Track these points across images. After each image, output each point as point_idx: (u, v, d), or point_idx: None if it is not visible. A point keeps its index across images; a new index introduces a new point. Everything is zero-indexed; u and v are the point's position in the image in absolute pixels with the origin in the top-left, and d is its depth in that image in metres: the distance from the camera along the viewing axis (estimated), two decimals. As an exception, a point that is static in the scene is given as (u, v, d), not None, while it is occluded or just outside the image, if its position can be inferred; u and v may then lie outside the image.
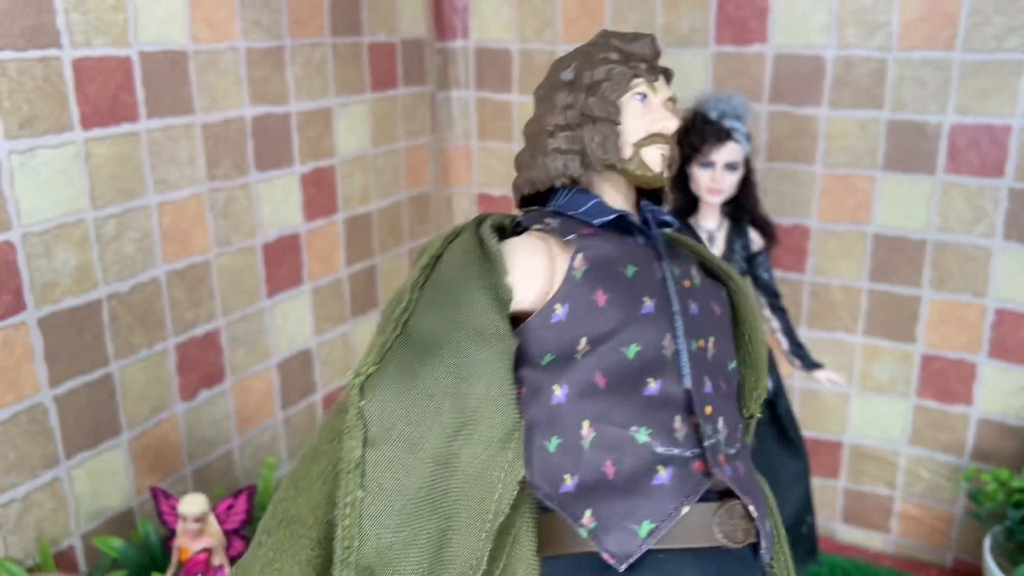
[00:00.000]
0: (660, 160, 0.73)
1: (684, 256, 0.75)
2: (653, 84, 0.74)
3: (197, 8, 1.34)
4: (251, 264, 1.51)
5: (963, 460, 1.67)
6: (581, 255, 0.69)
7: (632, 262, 0.69)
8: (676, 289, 0.70)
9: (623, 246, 0.71)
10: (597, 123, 0.73)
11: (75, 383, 1.22)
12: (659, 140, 0.73)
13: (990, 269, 1.56)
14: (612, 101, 0.73)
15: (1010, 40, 1.46)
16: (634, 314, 0.67)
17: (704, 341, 0.69)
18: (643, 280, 0.69)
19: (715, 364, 0.70)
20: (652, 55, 0.75)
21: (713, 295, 0.73)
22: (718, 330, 0.71)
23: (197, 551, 1.21)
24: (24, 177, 1.12)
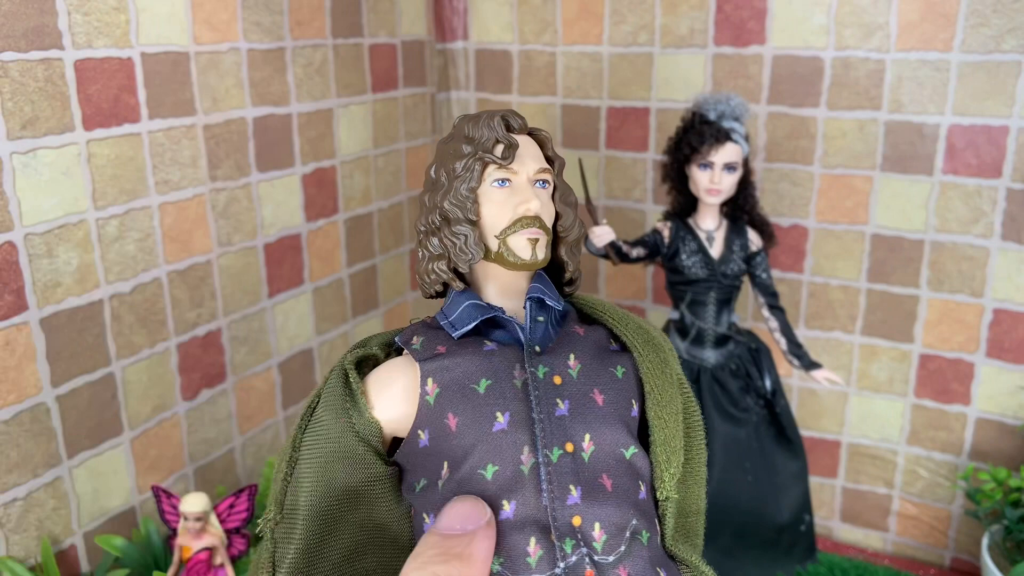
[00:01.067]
0: (527, 247, 0.67)
1: (569, 341, 0.69)
2: (510, 167, 0.68)
3: (198, 10, 1.34)
4: (252, 264, 1.52)
5: (961, 459, 1.68)
6: (431, 379, 0.65)
7: (486, 375, 0.65)
8: (541, 391, 0.64)
9: (477, 358, 0.66)
10: (454, 224, 0.68)
11: (77, 383, 1.23)
12: (524, 224, 0.67)
13: (988, 269, 1.57)
14: (466, 197, 0.68)
15: (1008, 41, 1.47)
16: (486, 432, 0.63)
17: (574, 442, 0.63)
18: (497, 393, 0.64)
19: (594, 462, 0.63)
20: (503, 134, 0.69)
21: (600, 379, 0.67)
22: (602, 421, 0.65)
23: (199, 550, 1.22)
24: (26, 178, 1.13)
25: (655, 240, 1.49)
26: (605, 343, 0.70)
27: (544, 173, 0.70)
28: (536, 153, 0.71)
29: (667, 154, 1.49)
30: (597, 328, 0.72)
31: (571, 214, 0.72)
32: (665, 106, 1.76)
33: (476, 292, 0.71)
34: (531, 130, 0.73)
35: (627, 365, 0.69)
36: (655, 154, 1.79)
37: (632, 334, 0.70)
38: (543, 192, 0.70)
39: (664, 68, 1.74)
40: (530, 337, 0.67)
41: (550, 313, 0.70)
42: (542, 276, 0.71)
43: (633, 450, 0.65)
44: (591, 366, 0.67)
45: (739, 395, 1.53)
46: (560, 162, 0.74)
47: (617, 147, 1.83)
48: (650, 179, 1.82)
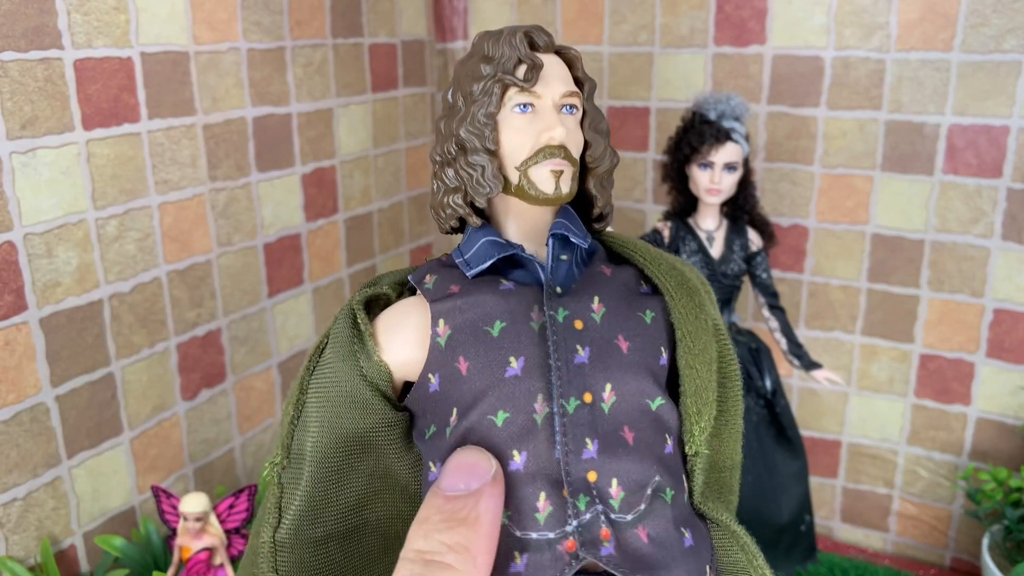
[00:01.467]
0: (550, 179, 0.61)
1: (594, 282, 0.63)
2: (533, 89, 0.62)
3: (198, 9, 1.34)
4: (252, 264, 1.52)
5: (961, 459, 1.68)
6: (442, 321, 0.61)
7: (501, 317, 0.60)
8: (560, 336, 0.60)
9: (493, 297, 0.61)
10: (471, 154, 0.63)
11: (77, 382, 1.23)
12: (547, 154, 0.61)
13: (988, 269, 1.57)
14: (485, 124, 0.62)
15: (1008, 41, 1.46)
16: (498, 378, 0.58)
17: (593, 392, 0.59)
18: (512, 336, 0.59)
19: (615, 414, 0.59)
20: (526, 53, 0.62)
21: (626, 324, 0.61)
22: (625, 370, 0.60)
23: (198, 550, 1.21)
24: (25, 177, 1.13)
25: (655, 240, 1.49)
26: (635, 285, 0.65)
27: (572, 97, 0.63)
28: (563, 74, 0.64)
29: (667, 154, 1.49)
30: (627, 268, 0.66)
31: (602, 143, 0.65)
32: (665, 106, 1.76)
33: (496, 228, 0.65)
34: (559, 48, 0.66)
35: (657, 309, 0.63)
36: (655, 154, 1.79)
37: (665, 275, 0.64)
38: (570, 118, 0.63)
39: (664, 68, 1.74)
40: (551, 277, 0.62)
41: (575, 251, 0.64)
42: (568, 211, 0.65)
43: (660, 401, 0.60)
44: (617, 310, 0.62)
45: (739, 395, 1.52)
46: (591, 84, 0.66)
47: (617, 147, 1.83)
48: (650, 179, 1.82)
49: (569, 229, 0.63)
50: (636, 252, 0.66)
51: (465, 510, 0.50)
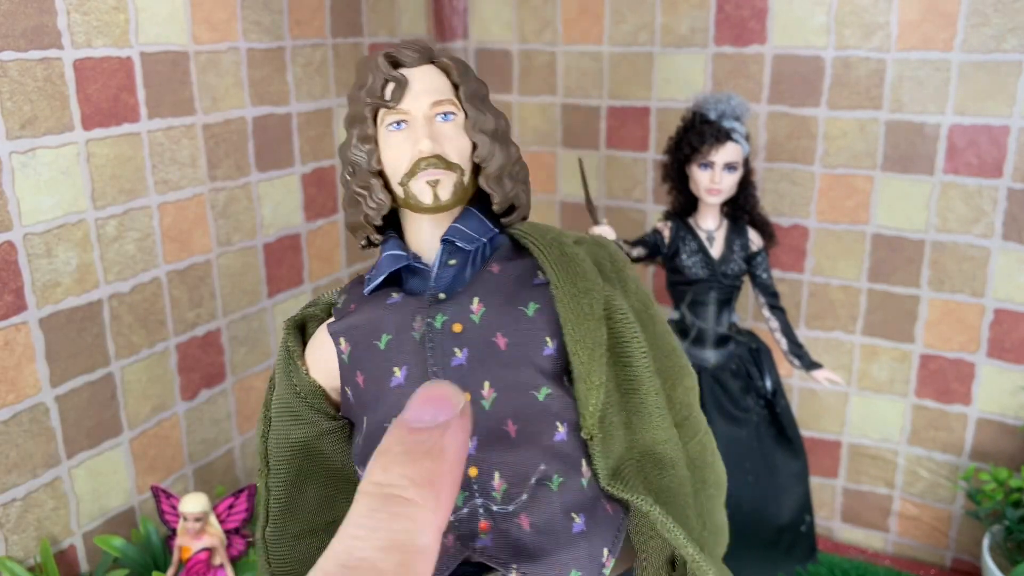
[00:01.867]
0: (427, 190, 0.63)
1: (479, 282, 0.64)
2: (400, 107, 0.64)
3: (198, 9, 1.34)
4: (252, 264, 1.52)
5: (962, 459, 1.67)
6: (343, 339, 0.65)
7: (387, 330, 0.63)
8: (437, 342, 0.62)
9: (380, 311, 0.64)
10: (359, 176, 0.66)
11: (76, 383, 1.23)
12: (422, 167, 0.63)
13: (988, 269, 1.57)
14: (364, 147, 0.65)
15: (1009, 40, 1.46)
16: (386, 388, 0.63)
17: (472, 392, 0.61)
18: (396, 347, 0.63)
19: (496, 410, 0.60)
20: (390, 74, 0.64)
21: (504, 321, 0.62)
22: (504, 366, 0.61)
23: (198, 550, 1.21)
24: (25, 177, 1.13)
25: (655, 240, 1.49)
26: (527, 277, 0.65)
27: (443, 105, 0.65)
28: (432, 85, 0.65)
29: (667, 154, 1.49)
30: (524, 260, 0.66)
31: (487, 142, 0.66)
32: (665, 106, 1.76)
33: (405, 238, 0.69)
34: (433, 58, 0.67)
35: (544, 299, 0.64)
36: (655, 154, 1.79)
37: (554, 263, 0.64)
38: (447, 125, 0.65)
39: (664, 68, 1.74)
40: (434, 285, 0.65)
41: (471, 253, 0.66)
42: (469, 212, 0.67)
43: (547, 391, 0.61)
44: (497, 308, 0.63)
45: (739, 395, 1.52)
46: (470, 88, 0.66)
47: (617, 147, 1.83)
48: (650, 179, 1.82)
49: (460, 233, 0.65)
50: (534, 242, 0.66)
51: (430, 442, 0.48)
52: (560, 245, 0.66)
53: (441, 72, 0.66)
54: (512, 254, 0.67)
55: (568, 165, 1.89)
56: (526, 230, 0.68)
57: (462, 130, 0.66)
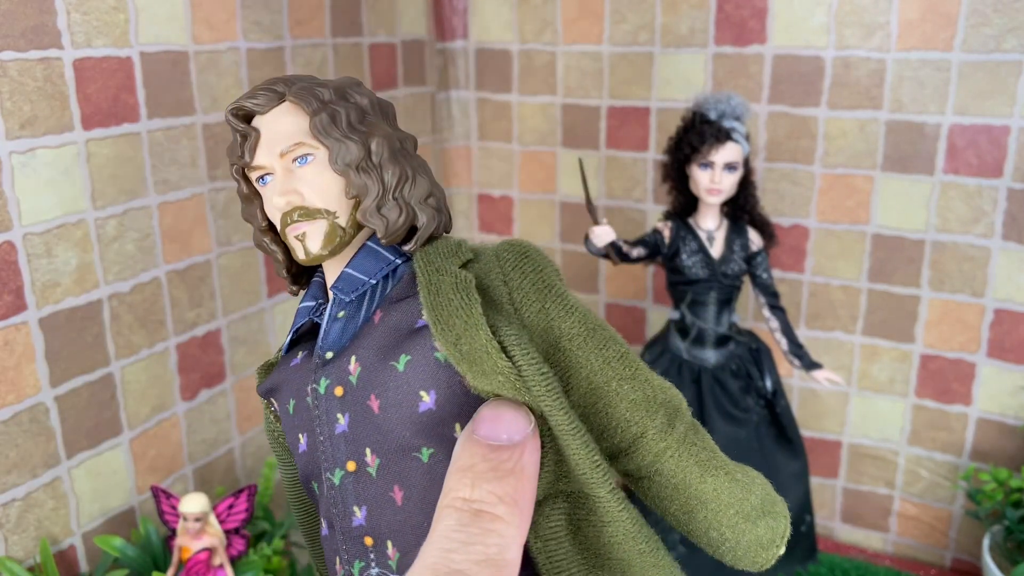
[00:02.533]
0: (298, 245, 0.59)
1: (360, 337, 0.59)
2: (256, 164, 0.60)
3: (197, 9, 1.34)
4: (252, 264, 1.52)
5: (962, 459, 1.67)
6: (272, 398, 0.66)
7: (292, 395, 0.62)
8: (322, 409, 0.59)
9: (285, 375, 0.63)
10: (255, 233, 0.65)
11: (76, 383, 1.22)
12: (288, 222, 0.59)
13: (988, 269, 1.57)
14: (246, 206, 0.64)
15: (1008, 40, 1.46)
16: (297, 454, 0.62)
17: (357, 460, 0.57)
18: (299, 414, 0.61)
19: (382, 476, 0.57)
20: (241, 128, 0.61)
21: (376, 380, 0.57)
22: (380, 430, 0.57)
23: (198, 550, 1.21)
24: (25, 177, 1.13)
25: (655, 240, 1.49)
26: (409, 323, 0.58)
27: (296, 148, 0.59)
28: (284, 129, 0.60)
29: (667, 154, 1.49)
30: (407, 301, 0.59)
31: (352, 174, 0.59)
32: (665, 106, 1.76)
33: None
34: (284, 92, 0.61)
35: (418, 347, 0.56)
36: (655, 154, 1.79)
37: (431, 303, 0.56)
38: (306, 169, 0.59)
39: (664, 67, 1.74)
40: (321, 344, 0.60)
41: (363, 299, 0.60)
42: (366, 249, 0.61)
43: (429, 451, 0.56)
44: (371, 366, 0.57)
45: (740, 395, 1.52)
46: (323, 119, 0.59)
47: (617, 147, 1.83)
48: (650, 179, 1.82)
49: (346, 280, 0.60)
50: (420, 276, 0.58)
51: (511, 461, 0.47)
52: (440, 276, 0.57)
53: (295, 108, 0.61)
54: (406, 290, 0.60)
55: (568, 165, 1.89)
56: (421, 258, 0.60)
57: (325, 169, 0.59)
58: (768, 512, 0.62)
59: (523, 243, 0.61)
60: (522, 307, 0.58)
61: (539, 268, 0.59)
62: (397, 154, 0.61)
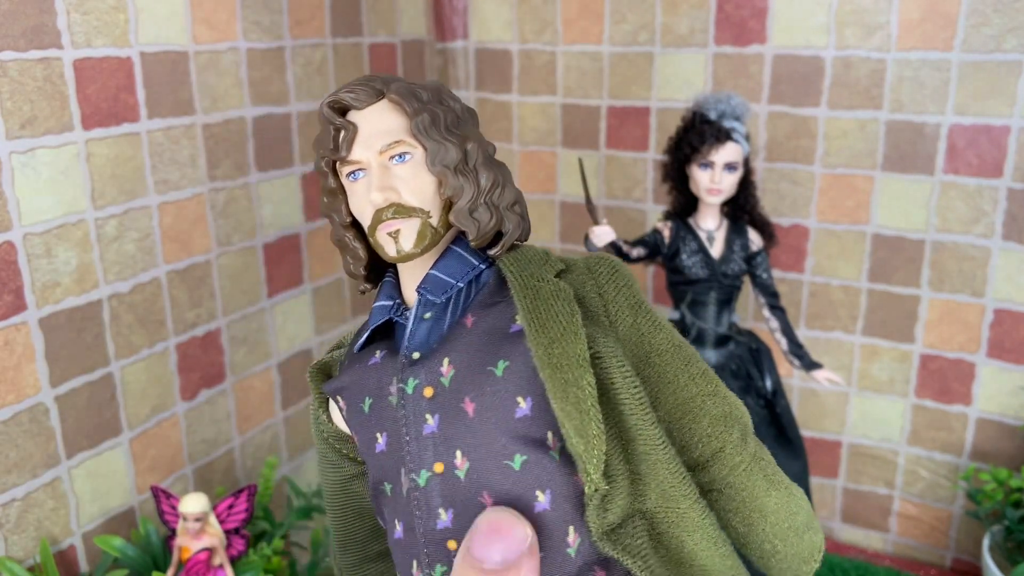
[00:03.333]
0: (390, 242, 0.59)
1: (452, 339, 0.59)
2: (352, 158, 0.60)
3: (197, 9, 1.34)
4: (252, 264, 1.52)
5: (962, 459, 1.67)
6: (339, 398, 0.64)
7: (369, 393, 0.61)
8: (409, 408, 0.59)
9: (362, 373, 0.62)
10: (336, 229, 0.64)
11: (76, 383, 1.22)
12: (380, 218, 0.59)
13: (989, 269, 1.57)
14: (331, 200, 0.63)
15: (1009, 41, 1.46)
16: (372, 453, 0.61)
17: (445, 462, 0.57)
18: (377, 412, 0.61)
19: (471, 480, 0.56)
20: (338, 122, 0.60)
21: (473, 383, 0.57)
22: (473, 434, 0.57)
23: (198, 550, 1.21)
24: (25, 177, 1.13)
25: (655, 240, 1.49)
26: (502, 327, 0.59)
27: (396, 147, 0.60)
28: (384, 126, 0.60)
29: (667, 154, 1.49)
30: (499, 306, 0.60)
31: (450, 176, 0.60)
32: (665, 106, 1.76)
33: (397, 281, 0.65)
34: (384, 89, 0.62)
35: (516, 353, 0.57)
36: (655, 154, 1.79)
37: (528, 308, 0.57)
38: (403, 167, 0.60)
39: (664, 67, 1.74)
40: (408, 344, 0.60)
41: (450, 301, 0.61)
42: (450, 252, 0.62)
43: (523, 458, 0.56)
44: (466, 369, 0.58)
45: (740, 395, 1.52)
46: (425, 119, 0.60)
47: (617, 147, 1.83)
48: (650, 179, 1.82)
49: (434, 282, 0.61)
50: (513, 282, 0.60)
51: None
52: (537, 283, 0.59)
53: (395, 107, 0.61)
54: (495, 295, 0.61)
55: (568, 165, 1.89)
56: (509, 263, 0.61)
57: (422, 168, 0.60)
58: (811, 527, 0.65)
59: (612, 258, 0.64)
60: (616, 320, 0.61)
61: (630, 283, 0.63)
62: (489, 159, 0.63)
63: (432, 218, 0.60)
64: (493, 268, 0.63)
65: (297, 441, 1.68)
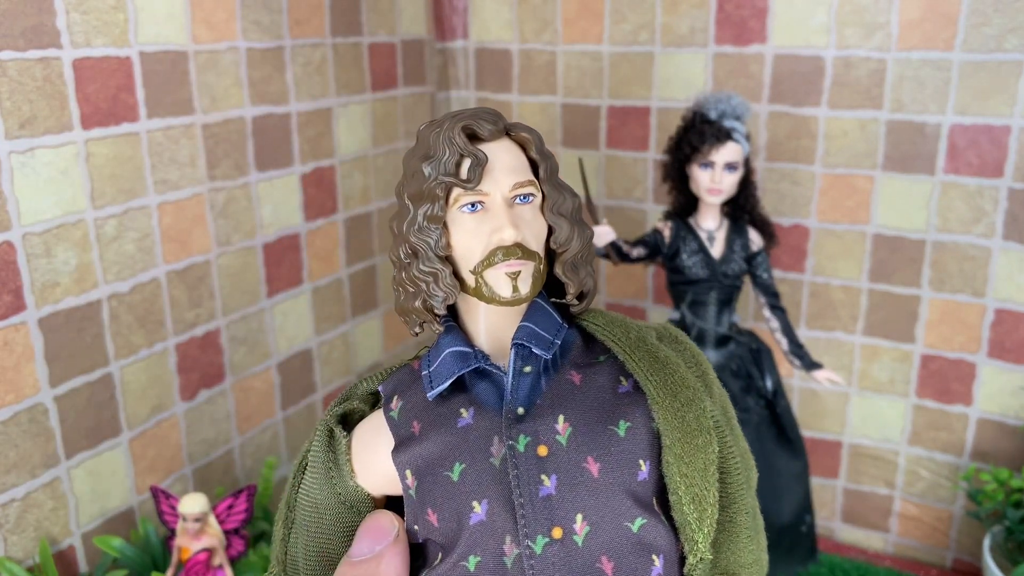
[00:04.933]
0: (507, 282, 0.57)
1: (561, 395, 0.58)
2: (478, 188, 0.57)
3: (197, 8, 1.34)
4: (251, 264, 1.51)
5: (962, 460, 1.67)
6: (408, 472, 0.58)
7: (460, 458, 0.57)
8: (522, 469, 0.55)
9: (449, 437, 0.57)
10: (422, 260, 0.58)
11: (75, 383, 1.22)
12: (501, 256, 0.56)
13: (989, 269, 1.56)
14: (432, 228, 0.58)
15: (1009, 40, 1.46)
16: (464, 525, 0.56)
17: (563, 526, 0.54)
18: (473, 478, 0.56)
19: (590, 545, 0.54)
20: (468, 149, 0.57)
21: (596, 443, 0.56)
22: (597, 495, 0.55)
23: (197, 551, 1.21)
24: (24, 177, 1.12)
25: (656, 240, 1.48)
26: (611, 385, 0.58)
27: (524, 187, 0.58)
28: (513, 163, 0.59)
29: (668, 153, 1.48)
30: (603, 366, 0.59)
31: (566, 225, 0.60)
32: (666, 105, 1.75)
33: (464, 328, 0.61)
34: (510, 128, 0.61)
35: (635, 415, 0.57)
36: (656, 154, 1.79)
37: (646, 370, 0.57)
38: (526, 208, 0.59)
39: (665, 67, 1.74)
40: (510, 398, 0.57)
41: (549, 357, 0.59)
42: (537, 306, 0.60)
43: (642, 521, 0.55)
44: (586, 427, 0.56)
45: (740, 395, 1.52)
46: (548, 165, 0.61)
47: (617, 147, 1.83)
48: (651, 179, 1.81)
49: (533, 336, 0.58)
50: (616, 342, 0.59)
51: (369, 570, 0.51)
52: (647, 347, 0.59)
53: (518, 147, 0.60)
54: (586, 355, 0.60)
55: (568, 165, 1.89)
56: (602, 325, 0.61)
57: (539, 213, 0.59)
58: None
59: (680, 330, 0.65)
60: (711, 389, 0.62)
61: (702, 354, 0.64)
62: (583, 216, 0.62)
63: (542, 265, 0.59)
64: (574, 328, 0.62)
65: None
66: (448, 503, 0.56)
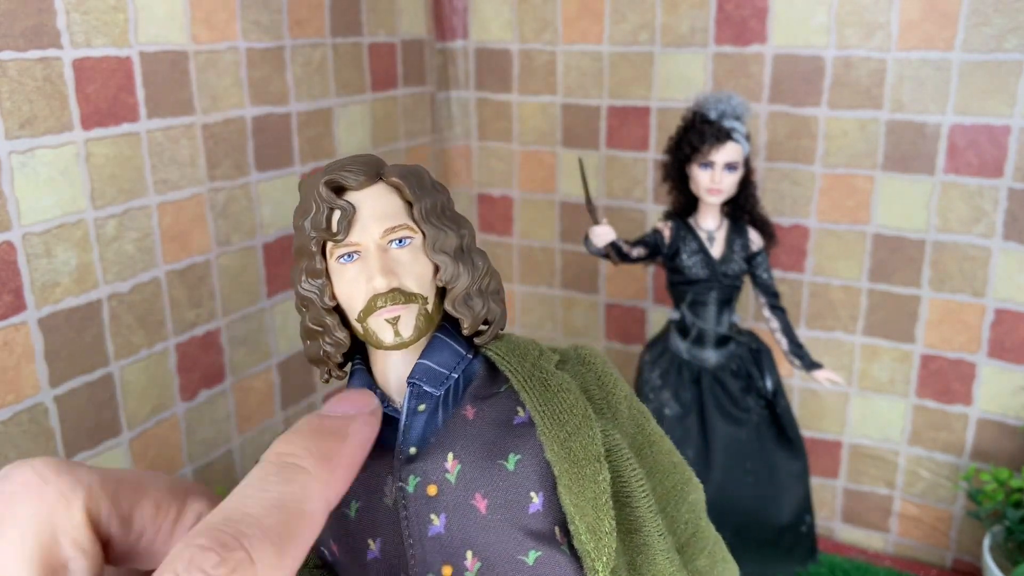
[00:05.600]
0: (387, 328, 0.56)
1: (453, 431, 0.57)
2: (348, 240, 0.57)
3: (197, 8, 1.34)
4: (251, 264, 1.51)
5: (962, 460, 1.67)
6: None
7: (356, 496, 0.57)
8: (411, 510, 0.56)
9: None
10: (312, 310, 0.59)
11: (75, 383, 1.22)
12: (379, 303, 0.56)
13: (989, 269, 1.56)
14: (315, 281, 0.58)
15: (1009, 40, 1.46)
16: (361, 563, 0.57)
17: (454, 564, 0.55)
18: (367, 517, 0.57)
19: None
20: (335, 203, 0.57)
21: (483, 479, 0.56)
22: (487, 531, 0.55)
23: (197, 551, 1.21)
24: (24, 177, 1.12)
25: (656, 240, 1.48)
26: (505, 418, 0.58)
27: (397, 231, 0.58)
28: (384, 209, 0.58)
29: (668, 153, 1.48)
30: (499, 397, 0.59)
31: (449, 262, 0.59)
32: (666, 105, 1.75)
33: (373, 368, 0.61)
34: (382, 175, 0.60)
35: (526, 446, 0.56)
36: (656, 154, 1.79)
37: (536, 399, 0.57)
38: (403, 252, 0.58)
39: (665, 67, 1.74)
40: (402, 439, 0.57)
41: (440, 393, 0.59)
42: (437, 341, 0.60)
43: (536, 554, 0.55)
44: (474, 464, 0.56)
45: (740, 395, 1.52)
46: (424, 205, 0.59)
47: (617, 147, 1.83)
48: (650, 179, 1.81)
49: (427, 373, 0.58)
50: (512, 371, 0.59)
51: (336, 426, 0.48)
52: (542, 375, 0.59)
53: (392, 190, 0.59)
54: (487, 386, 0.60)
55: (568, 165, 1.89)
56: (502, 353, 0.60)
57: (420, 253, 0.59)
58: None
59: (596, 349, 0.64)
60: (617, 411, 0.62)
61: (618, 375, 0.63)
62: (475, 246, 0.62)
63: (428, 305, 0.58)
64: (480, 358, 0.62)
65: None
66: (346, 539, 0.57)
